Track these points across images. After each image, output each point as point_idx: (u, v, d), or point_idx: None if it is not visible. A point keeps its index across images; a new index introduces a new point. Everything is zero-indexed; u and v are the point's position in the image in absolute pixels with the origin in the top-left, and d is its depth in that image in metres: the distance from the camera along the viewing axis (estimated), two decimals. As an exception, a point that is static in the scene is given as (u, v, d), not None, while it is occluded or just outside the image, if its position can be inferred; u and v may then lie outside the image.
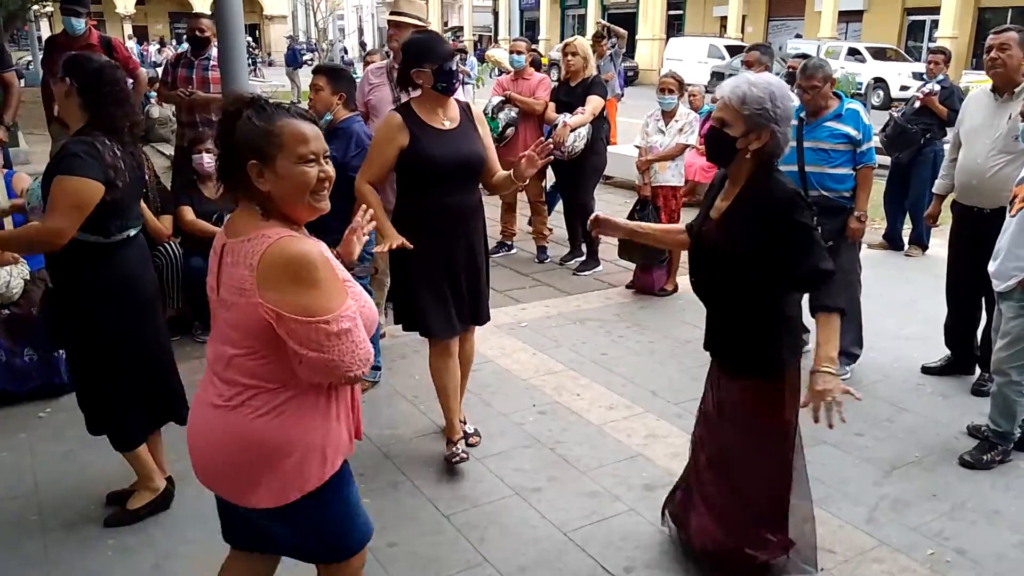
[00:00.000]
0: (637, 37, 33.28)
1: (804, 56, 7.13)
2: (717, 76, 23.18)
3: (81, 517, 3.16)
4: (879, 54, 22.97)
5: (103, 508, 3.20)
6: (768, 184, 2.49)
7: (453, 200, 3.37)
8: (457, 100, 3.46)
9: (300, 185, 1.85)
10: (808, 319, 4.78)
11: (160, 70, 10.33)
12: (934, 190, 4.70)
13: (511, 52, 6.74)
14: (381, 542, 3.01)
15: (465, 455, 3.51)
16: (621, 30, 11.87)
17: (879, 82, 21.59)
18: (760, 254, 2.46)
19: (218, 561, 2.90)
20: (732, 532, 2.76)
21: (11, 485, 3.37)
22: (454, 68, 3.29)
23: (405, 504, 3.28)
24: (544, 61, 28.41)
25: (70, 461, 3.46)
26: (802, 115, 4.48)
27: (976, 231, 4.11)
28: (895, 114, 7.07)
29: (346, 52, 32.64)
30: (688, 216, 6.61)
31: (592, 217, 2.85)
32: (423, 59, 3.28)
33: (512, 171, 3.29)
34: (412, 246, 3.22)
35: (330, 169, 1.90)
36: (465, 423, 3.71)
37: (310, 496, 1.94)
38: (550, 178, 6.85)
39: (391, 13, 4.47)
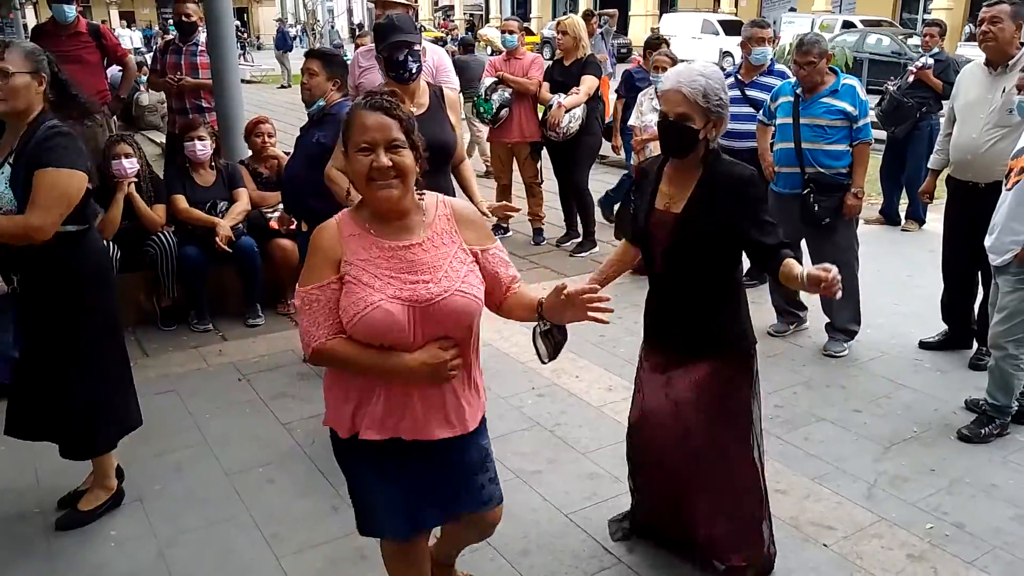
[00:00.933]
0: (630, 13, 33.10)
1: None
2: (726, 54, 23.17)
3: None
4: (874, 26, 22.83)
5: (54, 512, 3.13)
6: (729, 166, 2.57)
7: (431, 182, 3.29)
8: (429, 84, 3.43)
9: (355, 172, 1.97)
10: (804, 297, 4.79)
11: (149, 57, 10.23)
12: (929, 165, 4.69)
13: (503, 32, 6.68)
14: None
15: None
16: (611, 10, 11.79)
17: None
18: (728, 231, 2.51)
19: (218, 546, 2.93)
20: (737, 524, 2.74)
21: (12, 479, 3.37)
22: (400, 59, 3.27)
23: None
24: (536, 39, 28.35)
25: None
26: (798, 91, 4.46)
27: (972, 206, 4.10)
28: (890, 88, 7.03)
29: (338, 35, 32.40)
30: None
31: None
32: (379, 42, 3.32)
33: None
34: None
35: (385, 160, 1.92)
36: None
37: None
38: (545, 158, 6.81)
39: None
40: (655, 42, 6.47)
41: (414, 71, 3.40)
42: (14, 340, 3.24)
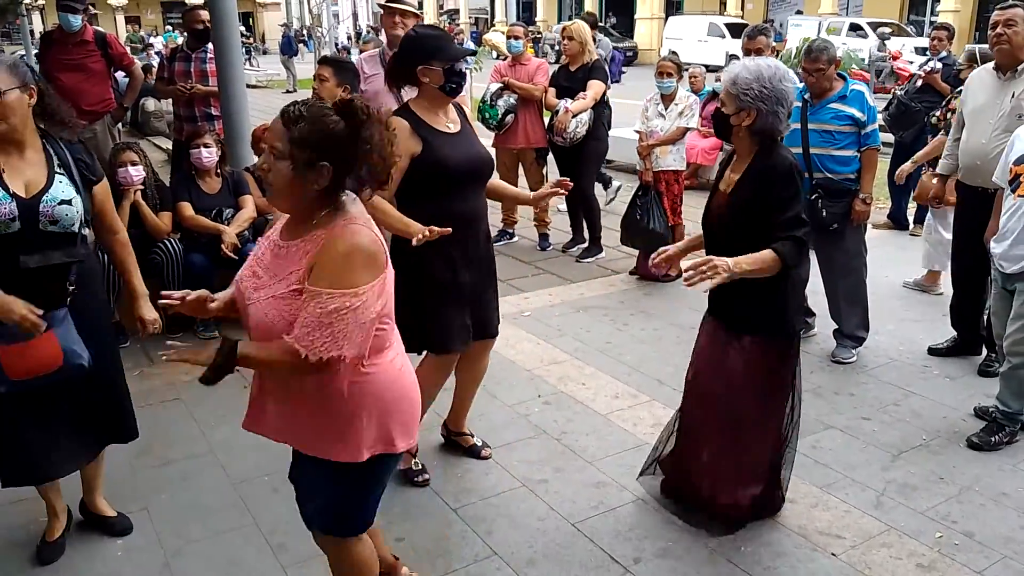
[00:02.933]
0: (636, 16, 33.07)
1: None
2: (733, 58, 23.09)
3: (25, 538, 3.06)
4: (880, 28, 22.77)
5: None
6: (772, 156, 2.79)
7: (467, 206, 3.16)
8: (452, 102, 3.33)
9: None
10: (812, 303, 4.77)
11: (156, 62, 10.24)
12: (938, 170, 4.67)
13: (509, 37, 6.68)
14: (389, 536, 3.01)
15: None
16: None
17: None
18: (766, 217, 2.74)
19: (224, 556, 2.93)
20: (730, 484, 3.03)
21: (16, 489, 3.34)
22: (465, 70, 3.18)
23: (412, 498, 3.28)
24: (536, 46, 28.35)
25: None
26: (806, 96, 4.45)
27: (981, 211, 4.07)
28: (898, 92, 7.00)
29: (347, 38, 32.47)
30: (690, 200, 6.59)
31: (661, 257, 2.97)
32: (433, 56, 3.04)
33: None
34: (438, 233, 2.93)
35: (263, 162, 2.00)
36: (473, 436, 3.64)
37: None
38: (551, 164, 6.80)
39: (391, 1, 4.38)
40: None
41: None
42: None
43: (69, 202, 2.64)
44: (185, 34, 6.19)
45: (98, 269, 2.93)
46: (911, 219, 7.14)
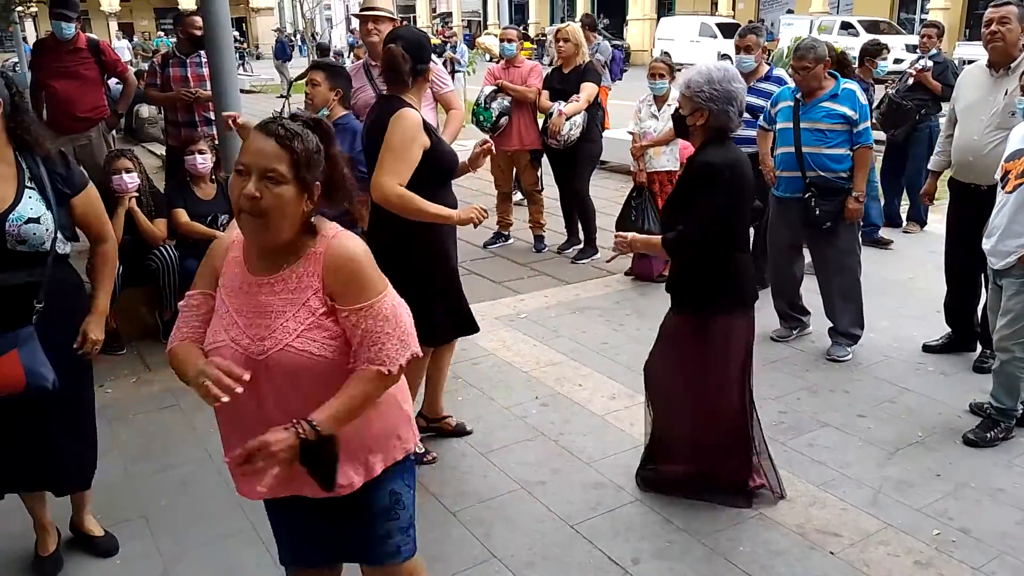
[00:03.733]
0: (628, 17, 33.10)
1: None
2: (725, 58, 23.14)
3: (77, 538, 3.09)
4: (872, 27, 22.85)
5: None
6: (704, 153, 2.99)
7: (452, 195, 3.39)
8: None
9: (231, 194, 1.85)
10: (807, 301, 4.78)
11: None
12: (930, 167, 4.69)
13: (501, 40, 6.68)
14: (388, 541, 3.02)
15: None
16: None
17: (872, 56, 21.50)
18: (683, 207, 3.01)
19: (224, 562, 2.93)
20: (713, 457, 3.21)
21: (9, 500, 3.34)
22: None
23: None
24: (528, 45, 28.39)
25: None
26: (798, 96, 4.46)
27: (974, 208, 4.09)
28: (889, 91, 7.03)
29: (339, 45, 32.45)
30: (684, 200, 6.61)
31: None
32: (429, 54, 3.31)
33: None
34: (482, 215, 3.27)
35: (252, 189, 1.74)
36: (451, 415, 3.82)
37: (398, 464, 2.10)
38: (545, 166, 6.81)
39: (363, 9, 4.44)
40: (874, 49, 6.58)
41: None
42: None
43: (37, 220, 2.52)
44: (175, 40, 6.16)
45: (76, 286, 2.78)
46: (904, 217, 7.16)
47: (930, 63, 6.77)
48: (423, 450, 3.50)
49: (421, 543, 2.96)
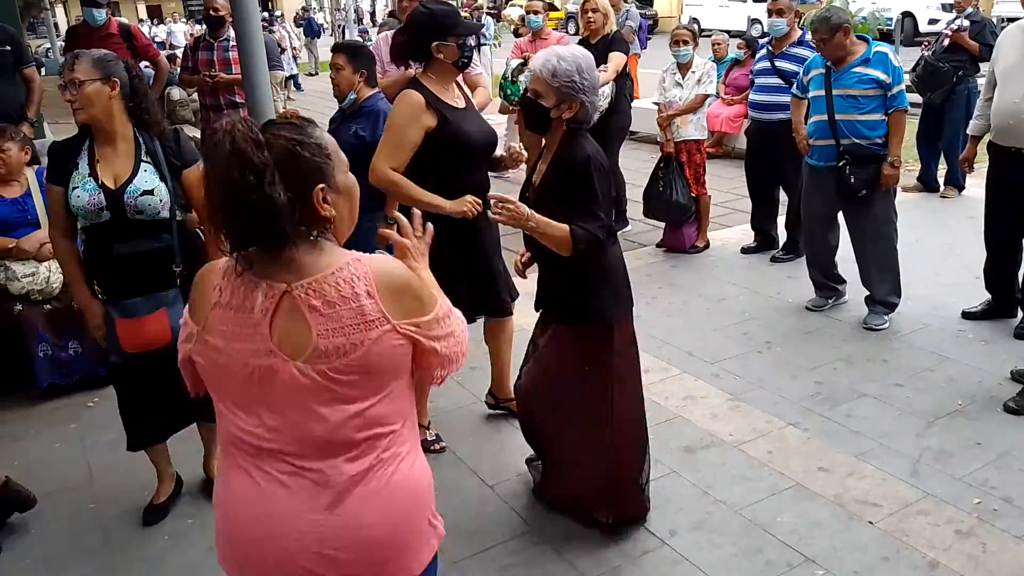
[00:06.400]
0: (655, -18, 32.51)
1: None
2: (756, 22, 22.82)
3: (136, 505, 3.24)
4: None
5: (110, 507, 3.26)
6: (573, 147, 2.68)
7: (478, 178, 3.29)
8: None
9: (356, 194, 1.62)
10: (843, 270, 4.72)
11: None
12: (969, 131, 4.59)
13: (527, 12, 6.63)
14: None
15: None
16: None
17: (908, 16, 20.93)
18: (566, 210, 2.63)
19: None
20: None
21: (66, 476, 3.47)
22: (472, 44, 3.24)
23: (448, 476, 3.32)
24: (560, 15, 28.04)
25: (120, 450, 3.51)
26: (828, 63, 4.38)
27: (1015, 172, 4.01)
28: (925, 53, 6.87)
29: (359, 21, 32.36)
30: (713, 168, 6.54)
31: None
32: (449, 31, 3.14)
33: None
34: (481, 209, 3.15)
35: None
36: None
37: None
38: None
39: None
40: None
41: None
42: None
43: (151, 192, 2.78)
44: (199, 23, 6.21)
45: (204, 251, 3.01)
46: (941, 181, 7.02)
47: (967, 22, 6.59)
48: (434, 436, 3.52)
49: (460, 517, 3.04)
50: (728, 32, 11.36)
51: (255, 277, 1.51)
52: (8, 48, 5.12)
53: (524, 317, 3.50)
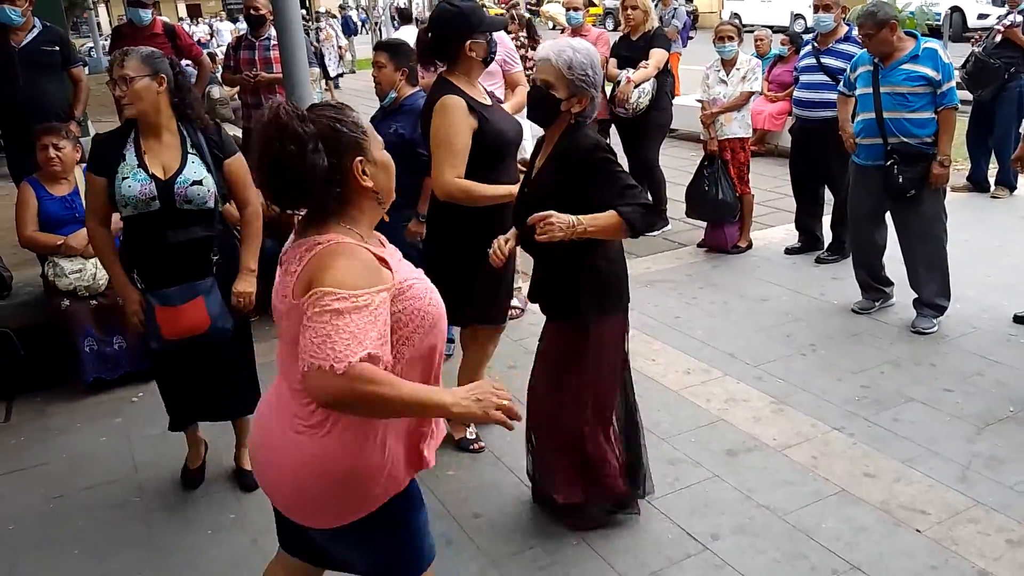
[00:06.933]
0: (696, -21, 32.21)
1: None
2: (799, 17, 22.48)
3: (180, 498, 3.30)
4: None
5: (152, 499, 3.32)
6: (577, 138, 2.64)
7: (513, 172, 3.26)
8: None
9: (392, 169, 1.82)
10: (890, 272, 4.62)
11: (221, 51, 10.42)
12: (1021, 129, 4.46)
13: (567, 8, 6.58)
14: (466, 512, 3.08)
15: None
16: None
17: (956, 11, 20.44)
18: (572, 203, 2.56)
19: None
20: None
21: (111, 468, 3.53)
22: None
23: (487, 475, 3.32)
24: (599, 11, 27.86)
25: (165, 443, 3.59)
26: (876, 60, 4.29)
27: (1070, 172, 3.89)
28: (975, 49, 6.70)
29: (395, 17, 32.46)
30: (758, 167, 6.44)
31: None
32: (480, 28, 3.12)
33: None
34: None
35: None
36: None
37: (367, 518, 1.82)
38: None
39: None
40: None
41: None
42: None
43: (200, 182, 2.90)
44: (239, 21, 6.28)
45: (235, 244, 3.15)
46: (992, 181, 6.85)
47: (1019, 18, 6.42)
48: (474, 435, 3.52)
49: (498, 515, 3.04)
50: (771, 28, 11.17)
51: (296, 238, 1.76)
52: (56, 48, 5.21)
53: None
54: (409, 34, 11.25)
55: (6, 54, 5.00)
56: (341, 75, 17.77)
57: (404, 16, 16.03)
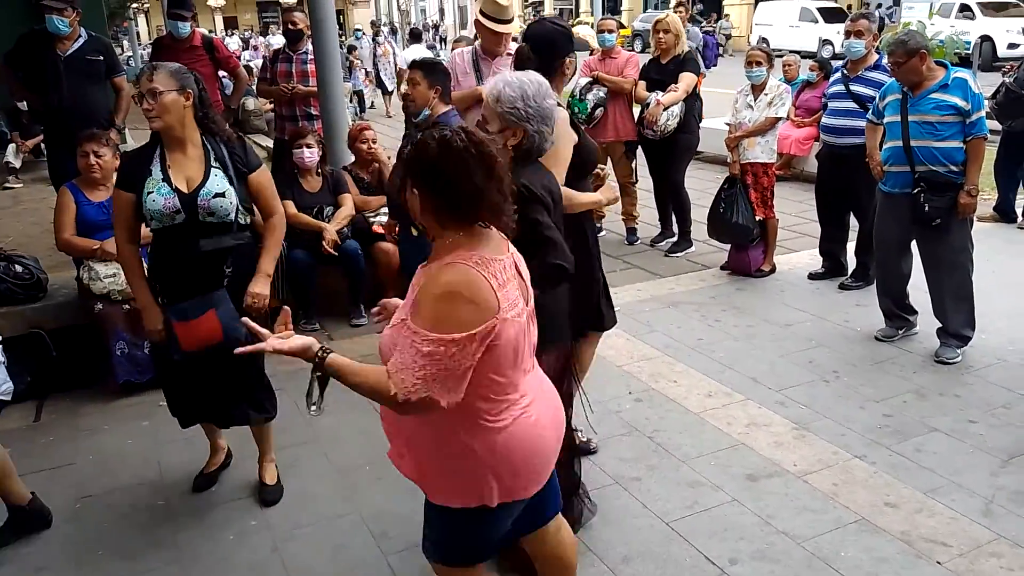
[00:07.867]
0: (725, 2, 32.32)
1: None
2: (827, 43, 22.45)
3: (204, 503, 3.35)
4: (994, 8, 21.47)
5: (178, 504, 3.37)
6: (522, 174, 2.50)
7: (589, 187, 3.34)
8: None
9: None
10: (914, 300, 4.59)
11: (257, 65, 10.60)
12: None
13: (600, 31, 6.66)
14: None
15: None
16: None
17: (986, 40, 20.33)
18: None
19: (331, 543, 3.05)
20: None
21: (138, 472, 3.59)
22: None
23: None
24: (627, 32, 27.98)
25: (191, 448, 3.65)
26: (905, 89, 4.30)
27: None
28: (1006, 79, 6.68)
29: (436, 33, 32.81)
30: (781, 191, 6.44)
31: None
32: (569, 47, 3.28)
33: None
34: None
35: None
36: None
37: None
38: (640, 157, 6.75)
39: (495, 21, 4.45)
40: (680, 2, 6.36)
41: None
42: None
43: (223, 195, 2.97)
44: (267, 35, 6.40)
45: (254, 254, 3.18)
46: (1019, 212, 6.80)
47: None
48: (586, 439, 3.60)
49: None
50: (798, 53, 11.18)
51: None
52: (101, 58, 5.34)
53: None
54: (418, 53, 11.44)
55: (52, 62, 5.14)
56: (390, 93, 17.96)
57: (415, 35, 16.38)
